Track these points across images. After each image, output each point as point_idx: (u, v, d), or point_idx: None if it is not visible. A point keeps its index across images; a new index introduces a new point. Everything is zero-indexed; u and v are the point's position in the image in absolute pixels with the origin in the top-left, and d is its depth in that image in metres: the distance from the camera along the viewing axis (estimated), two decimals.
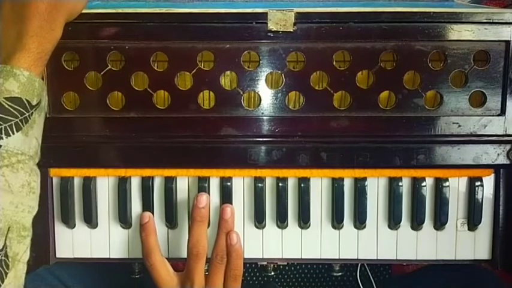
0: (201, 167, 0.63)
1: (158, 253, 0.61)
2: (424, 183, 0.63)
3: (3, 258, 0.47)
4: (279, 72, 0.59)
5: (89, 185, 0.63)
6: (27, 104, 0.50)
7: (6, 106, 0.48)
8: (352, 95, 0.60)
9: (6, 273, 0.47)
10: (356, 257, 0.65)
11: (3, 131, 0.48)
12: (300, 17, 0.57)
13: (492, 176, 0.63)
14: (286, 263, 0.67)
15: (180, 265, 0.62)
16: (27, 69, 0.50)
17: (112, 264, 0.65)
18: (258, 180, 0.63)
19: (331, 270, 0.68)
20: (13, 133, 0.48)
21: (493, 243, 0.64)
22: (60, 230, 0.64)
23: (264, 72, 0.59)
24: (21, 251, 0.49)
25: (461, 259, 0.64)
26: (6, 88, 0.48)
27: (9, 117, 0.48)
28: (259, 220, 0.63)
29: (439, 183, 0.63)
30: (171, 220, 0.63)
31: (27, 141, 0.50)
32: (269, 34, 0.58)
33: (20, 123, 0.49)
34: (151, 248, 0.60)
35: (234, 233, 0.60)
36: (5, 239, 0.47)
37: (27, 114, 0.50)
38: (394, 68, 0.59)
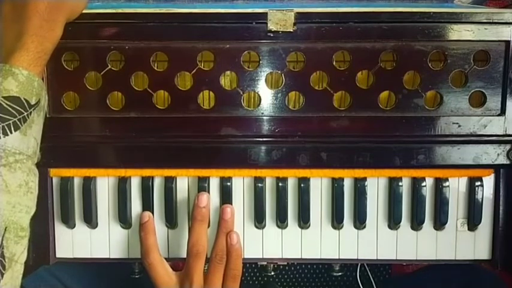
0: (201, 167, 0.63)
1: (156, 252, 0.60)
2: (424, 183, 0.63)
3: None
4: (279, 72, 0.59)
5: (88, 185, 0.63)
6: (25, 104, 0.50)
7: (5, 105, 0.48)
8: (352, 95, 0.60)
9: (2, 274, 0.46)
10: (356, 257, 0.64)
11: (0, 130, 0.48)
12: (300, 17, 0.57)
13: (492, 176, 0.63)
14: (286, 263, 0.66)
15: (180, 265, 0.62)
16: (26, 69, 0.49)
17: (112, 264, 0.65)
18: (258, 180, 0.63)
19: (331, 270, 0.68)
20: (11, 132, 0.48)
21: (493, 243, 0.64)
22: (60, 230, 0.64)
23: (264, 72, 0.59)
24: (18, 251, 0.48)
25: (461, 259, 0.64)
26: (5, 87, 0.48)
27: (7, 116, 0.48)
28: (259, 220, 0.63)
29: (439, 183, 0.63)
30: (171, 220, 0.63)
31: (25, 141, 0.50)
32: (269, 34, 0.58)
33: (18, 122, 0.49)
34: (149, 247, 0.60)
35: (234, 233, 0.60)
36: (2, 239, 0.47)
37: (25, 113, 0.50)
38: (394, 68, 0.59)
